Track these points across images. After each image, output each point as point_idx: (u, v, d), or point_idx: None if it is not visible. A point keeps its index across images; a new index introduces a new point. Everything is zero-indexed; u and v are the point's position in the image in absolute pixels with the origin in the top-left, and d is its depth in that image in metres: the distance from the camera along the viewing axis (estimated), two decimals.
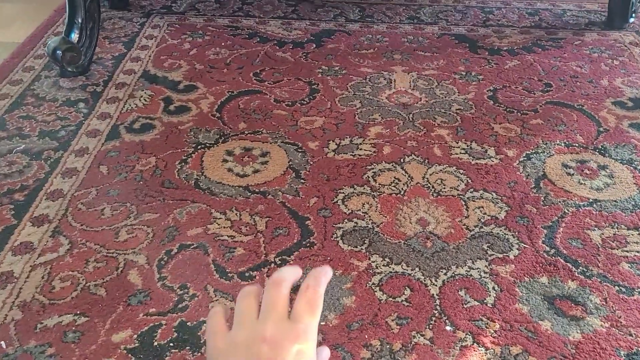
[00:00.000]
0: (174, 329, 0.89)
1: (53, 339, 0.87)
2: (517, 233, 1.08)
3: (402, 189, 1.18)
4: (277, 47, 1.69)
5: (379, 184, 1.19)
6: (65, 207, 1.11)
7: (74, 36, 1.49)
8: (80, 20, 1.49)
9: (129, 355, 0.85)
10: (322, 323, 0.91)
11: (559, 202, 1.15)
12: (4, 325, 0.88)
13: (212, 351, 0.50)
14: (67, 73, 1.50)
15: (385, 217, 1.11)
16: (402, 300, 0.95)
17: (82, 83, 1.49)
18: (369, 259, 1.02)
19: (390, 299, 0.95)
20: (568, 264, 1.02)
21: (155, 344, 0.87)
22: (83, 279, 0.96)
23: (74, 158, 1.23)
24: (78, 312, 0.91)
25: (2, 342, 0.85)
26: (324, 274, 0.53)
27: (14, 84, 1.47)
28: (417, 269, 1.01)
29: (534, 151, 1.29)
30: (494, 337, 0.89)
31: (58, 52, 1.45)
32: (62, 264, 0.99)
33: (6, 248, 1.02)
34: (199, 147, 1.29)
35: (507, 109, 1.44)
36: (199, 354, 0.85)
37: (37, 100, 1.42)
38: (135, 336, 0.88)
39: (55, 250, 1.02)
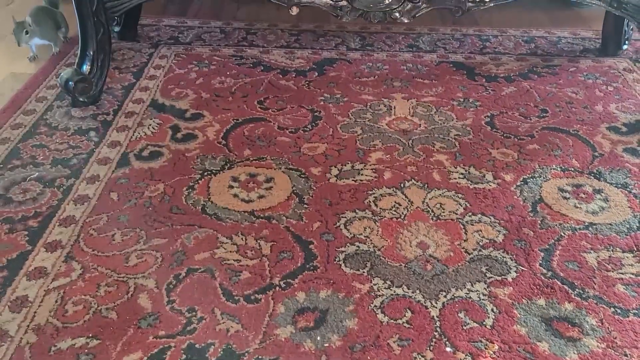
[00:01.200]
0: (182, 351, 0.92)
1: None
2: (514, 256, 1.11)
3: (402, 213, 1.22)
4: (281, 76, 1.75)
5: (380, 209, 1.23)
6: (77, 233, 1.15)
7: (86, 68, 1.55)
8: (91, 52, 1.55)
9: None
10: (325, 345, 0.94)
11: (556, 225, 1.19)
12: (19, 349, 0.91)
13: None
14: (78, 103, 1.55)
15: (386, 240, 1.15)
16: (403, 322, 0.98)
17: (93, 112, 1.54)
18: (371, 281, 1.06)
19: (392, 321, 0.98)
20: (565, 286, 1.05)
21: None
22: (95, 303, 1.00)
23: (85, 185, 1.28)
24: (90, 335, 0.94)
25: None
26: None
27: (27, 114, 1.52)
28: (417, 291, 1.04)
29: (530, 176, 1.33)
30: (493, 358, 0.91)
31: (70, 83, 1.51)
32: (74, 288, 1.03)
33: (21, 273, 1.05)
34: (206, 173, 1.33)
35: (504, 135, 1.48)
36: None
37: (49, 129, 1.47)
38: (145, 358, 0.91)
39: (68, 275, 1.05)
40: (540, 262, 1.10)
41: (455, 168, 1.35)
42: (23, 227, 1.15)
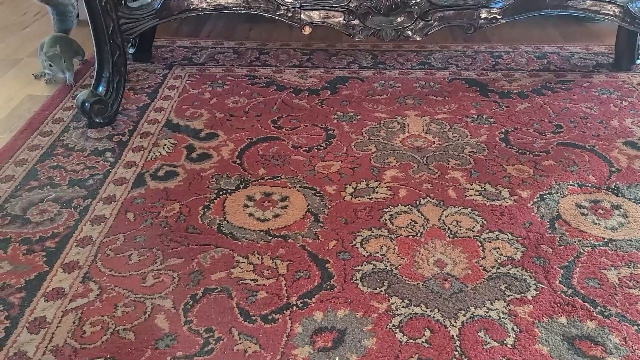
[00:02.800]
0: None
1: None
2: (534, 273, 1.10)
3: (418, 231, 1.21)
4: (294, 95, 1.76)
5: (396, 227, 1.22)
6: (94, 253, 1.15)
7: (102, 89, 1.57)
8: (107, 74, 1.58)
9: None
10: None
11: (574, 242, 1.17)
12: None
13: None
14: (94, 124, 1.57)
15: (403, 259, 1.14)
16: (422, 342, 0.97)
17: (108, 133, 1.56)
18: (389, 300, 1.05)
19: (411, 340, 0.97)
20: (586, 303, 1.03)
21: None
22: (112, 324, 1.00)
23: (102, 206, 1.28)
24: (108, 356, 0.94)
25: None
26: None
27: (44, 135, 1.54)
28: (436, 310, 1.02)
29: (547, 192, 1.32)
30: None
31: (86, 104, 1.53)
32: (92, 309, 1.03)
33: (39, 294, 1.06)
34: (221, 192, 1.34)
35: (519, 151, 1.47)
36: None
37: (66, 150, 1.48)
38: None
39: (86, 295, 1.05)
40: (560, 279, 1.08)
41: (471, 185, 1.35)
42: (41, 248, 1.16)
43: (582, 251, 1.15)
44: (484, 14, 1.59)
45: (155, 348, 0.95)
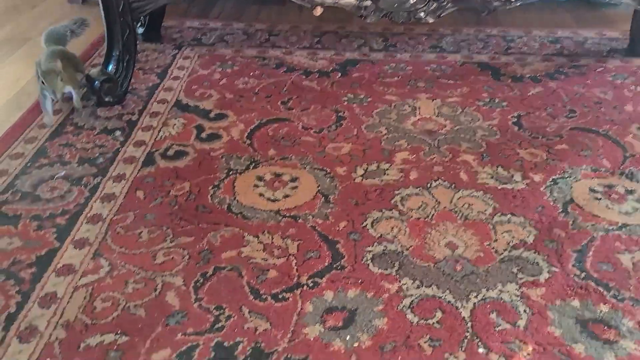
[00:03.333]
0: (211, 349, 0.91)
1: (96, 357, 0.89)
2: (546, 257, 1.09)
3: (430, 213, 1.20)
4: (304, 77, 1.74)
5: (407, 208, 1.22)
6: (104, 230, 1.15)
7: (112, 68, 1.56)
8: (117, 53, 1.57)
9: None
10: (355, 344, 0.92)
11: (588, 226, 1.16)
12: (48, 345, 0.91)
13: None
14: (104, 103, 1.56)
15: (414, 240, 1.13)
16: (433, 323, 0.96)
17: (118, 112, 1.55)
18: (400, 281, 1.04)
19: (422, 321, 0.96)
20: (599, 287, 1.02)
21: None
22: (123, 300, 1.00)
23: (112, 184, 1.28)
24: (119, 331, 0.94)
25: None
26: None
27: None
28: (447, 291, 1.02)
29: (560, 176, 1.31)
30: None
31: (96, 82, 1.52)
32: (102, 285, 1.02)
33: (49, 270, 1.05)
34: (231, 172, 1.33)
35: (532, 135, 1.46)
36: None
37: (76, 129, 1.48)
38: (174, 356, 0.90)
39: (96, 272, 1.05)
40: (574, 263, 1.07)
41: (483, 168, 1.33)
42: (51, 225, 1.16)
43: (595, 235, 1.14)
44: None
45: (166, 324, 0.95)
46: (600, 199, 1.24)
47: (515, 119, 1.52)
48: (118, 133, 1.46)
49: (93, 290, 1.02)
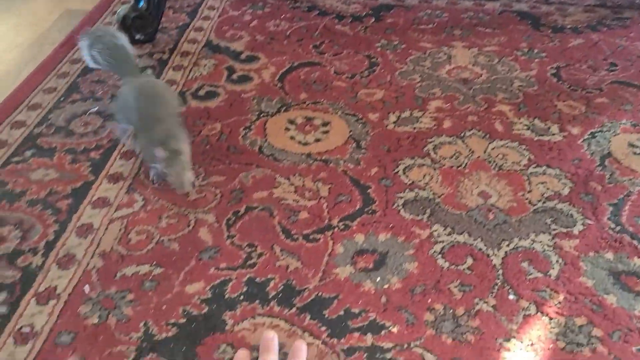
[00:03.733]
0: (243, 284, 0.93)
1: (132, 286, 0.92)
2: (581, 209, 1.07)
3: (463, 162, 1.18)
4: (336, 21, 1.70)
5: (440, 157, 1.20)
6: (138, 166, 1.16)
7: (143, 4, 1.53)
8: None
9: (203, 304, 0.89)
10: (386, 286, 0.93)
11: (625, 180, 1.14)
12: (87, 272, 0.94)
13: None
14: (134, 40, 1.54)
15: (447, 188, 1.12)
16: (464, 269, 0.96)
17: (149, 51, 1.54)
18: (431, 228, 1.04)
19: (453, 266, 0.97)
20: (634, 241, 1.01)
21: (227, 296, 0.91)
22: (157, 234, 1.01)
23: None
24: (154, 263, 0.96)
25: (86, 286, 0.91)
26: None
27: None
28: (479, 239, 1.01)
29: (599, 130, 1.28)
30: (558, 308, 0.89)
31: (127, 19, 1.50)
32: (137, 219, 1.04)
33: (85, 202, 1.07)
34: (262, 115, 1.32)
35: (571, 87, 1.41)
36: (268, 307, 0.89)
37: None
38: (207, 288, 0.92)
39: (131, 205, 1.07)
40: (609, 216, 1.06)
41: (519, 119, 1.30)
42: (85, 158, 1.17)
43: (632, 190, 1.12)
44: None
45: (199, 259, 0.97)
46: (639, 153, 1.21)
47: (554, 71, 1.48)
48: (149, 72, 1.45)
49: (128, 223, 1.03)
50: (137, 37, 1.53)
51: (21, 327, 0.85)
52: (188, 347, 0.83)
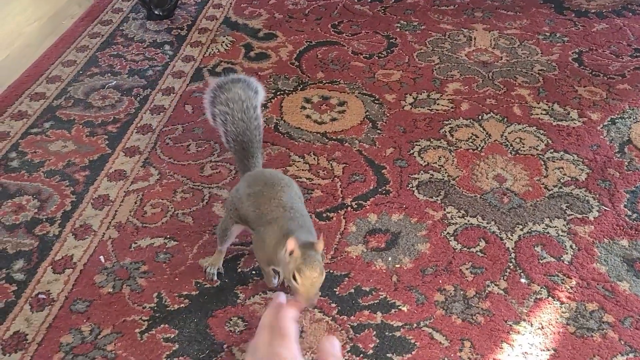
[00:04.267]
0: (255, 260, 0.93)
1: (146, 257, 0.93)
2: (598, 195, 1.06)
3: (479, 145, 1.18)
4: (356, 0, 1.68)
5: (456, 139, 1.19)
6: (154, 140, 1.17)
7: None
8: None
9: (215, 278, 0.90)
10: (397, 266, 0.93)
11: None
12: (102, 242, 0.95)
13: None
14: (153, 16, 1.54)
15: (462, 171, 1.11)
16: (476, 251, 0.96)
17: (167, 26, 1.54)
18: (444, 209, 1.03)
19: (465, 248, 0.96)
20: None
21: (239, 270, 0.92)
22: (172, 207, 1.02)
23: (161, 96, 1.29)
24: (168, 236, 0.97)
25: (102, 257, 0.92)
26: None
27: (104, 24, 1.53)
28: (492, 222, 1.01)
29: (619, 116, 1.25)
30: (569, 293, 0.89)
31: None
32: (152, 192, 1.05)
33: (102, 174, 1.08)
34: (278, 93, 1.32)
35: (593, 73, 1.39)
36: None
37: (126, 40, 1.48)
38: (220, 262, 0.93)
39: (146, 179, 1.08)
40: (625, 203, 1.04)
41: (538, 103, 1.29)
42: (103, 132, 1.18)
43: None
44: None
45: (212, 233, 0.98)
46: None
47: (576, 55, 1.45)
48: (167, 47, 1.45)
49: (143, 195, 1.04)
50: (156, 12, 1.54)
51: (38, 294, 0.87)
52: (200, 318, 0.84)
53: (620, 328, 0.84)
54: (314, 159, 1.14)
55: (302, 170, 1.11)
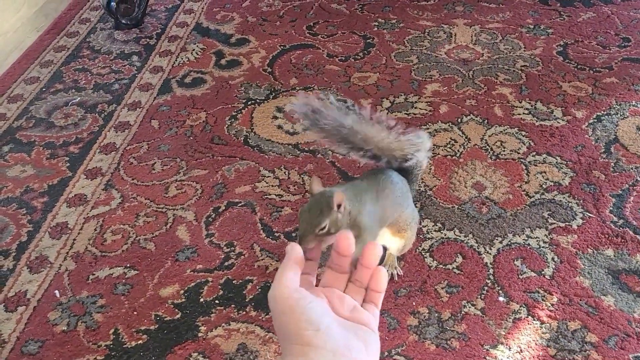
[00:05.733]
0: (219, 287, 0.89)
1: (104, 290, 0.89)
2: (582, 201, 1.01)
3: (458, 150, 1.12)
4: None
5: (434, 145, 1.14)
6: (117, 160, 1.12)
7: None
8: None
9: (176, 310, 0.86)
10: None
11: (631, 168, 1.07)
12: (58, 275, 0.91)
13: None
14: (121, 25, 1.49)
15: (439, 180, 1.06)
16: (453, 268, 0.91)
17: (136, 36, 1.49)
18: (420, 223, 0.98)
19: (441, 266, 0.91)
20: (638, 236, 0.94)
21: (202, 300, 0.87)
22: (133, 233, 0.98)
23: (126, 112, 1.24)
24: (128, 265, 0.92)
25: (57, 291, 0.88)
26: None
27: (70, 36, 1.48)
28: (470, 235, 0.96)
29: (605, 112, 1.20)
30: (550, 311, 0.84)
31: (112, 3, 1.45)
32: (113, 217, 1.00)
33: (61, 199, 1.04)
34: (249, 102, 1.26)
35: (578, 66, 1.33)
36: (244, 312, 0.85)
37: (92, 52, 1.42)
38: (182, 291, 0.88)
39: (108, 203, 1.03)
40: (611, 208, 0.99)
41: (520, 102, 1.23)
42: (64, 153, 1.14)
43: (638, 179, 1.04)
44: None
45: (175, 260, 0.93)
46: None
47: (561, 48, 1.39)
48: (135, 58, 1.40)
49: (104, 221, 1.00)
50: (124, 22, 1.48)
51: None
52: (158, 356, 0.80)
53: (604, 348, 0.79)
54: (285, 173, 1.09)
55: (272, 186, 1.06)
